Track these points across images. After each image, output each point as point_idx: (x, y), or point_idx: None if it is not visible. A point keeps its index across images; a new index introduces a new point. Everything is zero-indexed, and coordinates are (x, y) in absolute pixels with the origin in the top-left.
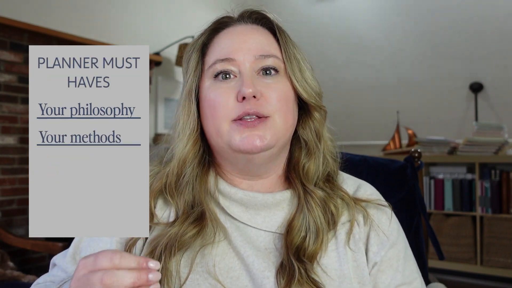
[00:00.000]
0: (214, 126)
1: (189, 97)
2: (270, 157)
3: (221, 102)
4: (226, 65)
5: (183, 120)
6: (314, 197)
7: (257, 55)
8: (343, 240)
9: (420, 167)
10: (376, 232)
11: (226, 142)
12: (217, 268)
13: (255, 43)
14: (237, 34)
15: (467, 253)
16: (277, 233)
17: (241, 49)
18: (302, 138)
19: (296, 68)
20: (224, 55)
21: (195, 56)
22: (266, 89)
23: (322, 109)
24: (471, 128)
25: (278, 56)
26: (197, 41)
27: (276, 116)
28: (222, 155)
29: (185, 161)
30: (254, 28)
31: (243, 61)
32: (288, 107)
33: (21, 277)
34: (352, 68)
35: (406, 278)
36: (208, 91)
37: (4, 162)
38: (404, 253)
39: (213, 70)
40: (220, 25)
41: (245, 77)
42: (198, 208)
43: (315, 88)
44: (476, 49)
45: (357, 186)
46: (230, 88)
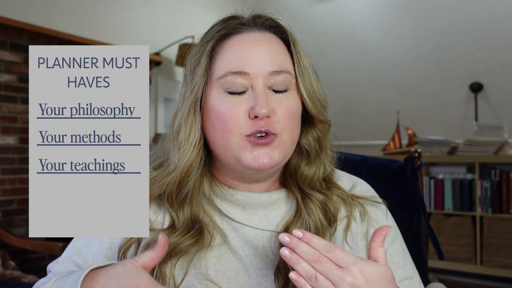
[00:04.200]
0: (223, 139)
1: (194, 106)
2: (274, 171)
3: (233, 117)
4: (238, 78)
5: (187, 130)
6: (314, 199)
7: (271, 71)
8: (341, 236)
9: (420, 167)
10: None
11: (234, 156)
12: (213, 270)
13: (269, 57)
14: (249, 43)
15: (467, 253)
16: (274, 232)
17: (255, 62)
18: (304, 147)
19: (307, 82)
20: (237, 68)
21: (204, 62)
22: (277, 105)
23: (327, 123)
24: (471, 128)
25: (290, 71)
26: (206, 45)
27: (284, 133)
28: (227, 165)
29: (188, 172)
30: (267, 37)
31: (257, 76)
32: (295, 123)
33: (22, 277)
34: (352, 68)
35: (407, 273)
36: (217, 102)
37: (4, 162)
38: (402, 248)
39: (224, 82)
40: (231, 31)
41: (260, 96)
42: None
43: (322, 101)
44: (476, 49)
45: (352, 183)
46: (242, 103)
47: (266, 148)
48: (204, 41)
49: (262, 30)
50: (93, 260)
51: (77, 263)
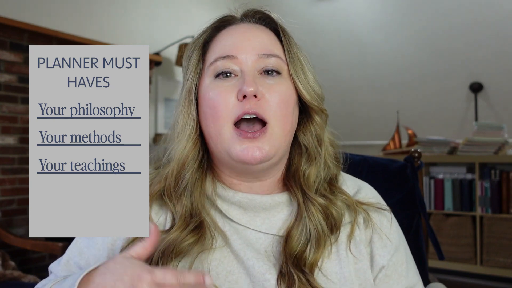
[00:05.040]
0: (215, 128)
1: (188, 96)
2: (269, 166)
3: (221, 101)
4: (227, 63)
5: (183, 120)
6: (315, 203)
7: (260, 54)
8: (344, 243)
9: (420, 167)
10: (379, 236)
11: (225, 149)
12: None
13: (258, 42)
14: (239, 32)
15: (467, 253)
16: (277, 236)
17: (244, 47)
18: (303, 144)
19: (299, 70)
20: (226, 53)
21: (196, 54)
22: (267, 90)
23: (323, 112)
24: (471, 128)
25: (281, 56)
26: (199, 39)
27: (274, 122)
28: (220, 159)
29: (184, 163)
30: (257, 27)
31: (245, 59)
32: (287, 111)
33: (22, 277)
34: (352, 68)
35: (410, 282)
36: (207, 89)
37: (4, 162)
38: (406, 256)
39: (214, 68)
40: (223, 23)
41: (247, 76)
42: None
43: (318, 91)
44: (476, 49)
45: (357, 188)
46: (231, 87)
47: (255, 142)
48: (197, 36)
49: (253, 22)
50: (95, 261)
51: (79, 264)
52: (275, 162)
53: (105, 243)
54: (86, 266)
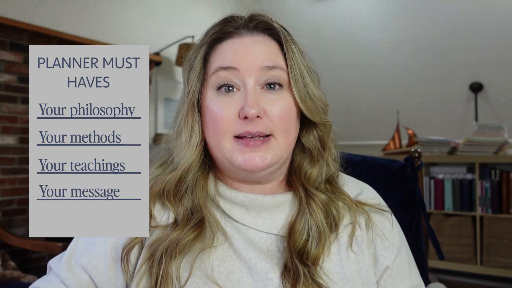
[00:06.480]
0: (215, 140)
1: (192, 109)
2: (271, 172)
3: (223, 117)
4: (229, 74)
5: (188, 133)
6: (316, 200)
7: (261, 66)
8: (346, 243)
9: (420, 167)
10: (380, 237)
11: (227, 158)
12: (216, 272)
13: (260, 54)
14: (242, 44)
15: (467, 253)
16: (279, 236)
17: (245, 58)
18: (306, 146)
19: (300, 85)
20: (227, 63)
21: (198, 66)
22: (269, 106)
23: (325, 125)
24: (471, 128)
25: (283, 67)
26: (200, 49)
27: (278, 135)
28: (222, 166)
29: (189, 169)
30: (260, 40)
31: (247, 71)
32: (290, 123)
33: (22, 277)
34: (352, 68)
35: (413, 282)
36: (210, 102)
37: (4, 162)
38: (408, 256)
39: (215, 78)
40: (225, 35)
41: (249, 95)
42: (197, 215)
43: (320, 103)
44: (476, 49)
45: (359, 190)
46: (233, 103)
47: (257, 151)
48: (198, 46)
49: (255, 34)
50: (97, 259)
51: (81, 263)
52: (278, 168)
53: (108, 242)
54: (89, 265)
